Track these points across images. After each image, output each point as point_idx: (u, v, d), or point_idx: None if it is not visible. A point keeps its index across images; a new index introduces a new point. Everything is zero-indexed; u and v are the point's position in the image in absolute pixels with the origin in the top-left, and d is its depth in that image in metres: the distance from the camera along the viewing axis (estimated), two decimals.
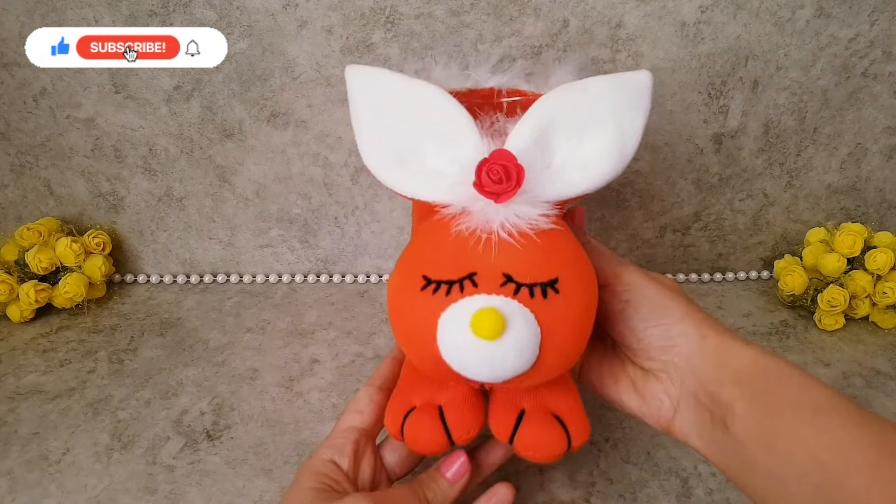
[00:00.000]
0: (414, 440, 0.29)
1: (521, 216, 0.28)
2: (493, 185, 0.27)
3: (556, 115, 0.30)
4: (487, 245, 0.27)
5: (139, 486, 0.36)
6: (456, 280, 0.27)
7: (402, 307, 0.28)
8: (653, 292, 0.30)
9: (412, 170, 0.30)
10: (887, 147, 0.55)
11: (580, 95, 0.31)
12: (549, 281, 0.27)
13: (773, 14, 0.48)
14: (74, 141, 0.52)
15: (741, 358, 0.27)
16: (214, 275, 0.59)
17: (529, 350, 0.26)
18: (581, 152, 0.30)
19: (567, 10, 0.47)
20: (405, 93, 0.31)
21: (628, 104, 0.31)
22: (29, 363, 0.47)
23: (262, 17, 0.47)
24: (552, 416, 0.29)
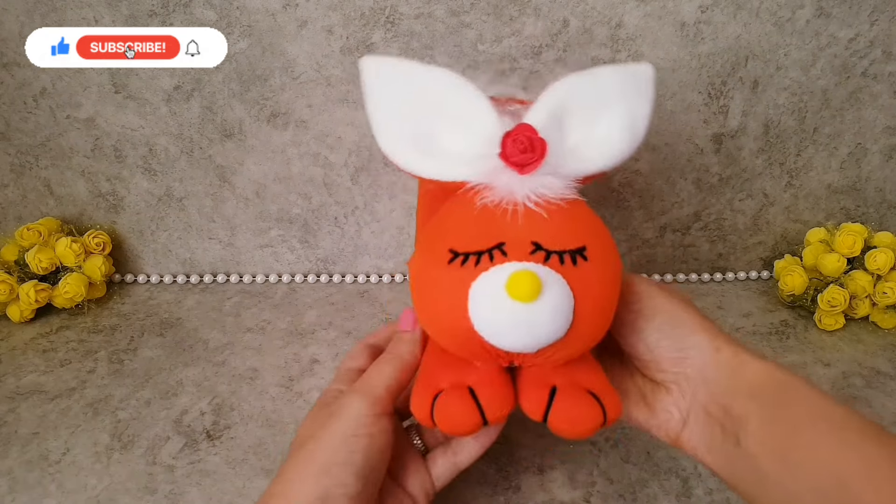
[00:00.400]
0: (447, 421, 0.27)
1: (547, 186, 0.28)
2: (519, 156, 0.27)
3: (569, 98, 0.31)
4: (514, 215, 0.27)
5: (139, 486, 0.36)
6: (485, 250, 0.26)
7: (428, 282, 0.28)
8: (665, 302, 0.30)
9: (430, 150, 0.30)
10: (887, 147, 0.55)
11: (590, 80, 0.31)
12: (577, 248, 0.27)
13: (773, 14, 0.48)
14: (74, 141, 0.52)
15: (756, 371, 0.27)
16: (214, 275, 0.59)
17: (564, 314, 0.26)
18: (596, 132, 0.31)
19: (567, 10, 0.47)
20: (420, 77, 0.31)
21: (635, 90, 0.32)
22: (29, 363, 0.47)
23: (262, 17, 0.47)
24: (586, 391, 0.28)
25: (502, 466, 0.37)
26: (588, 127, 0.31)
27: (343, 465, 0.27)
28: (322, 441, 0.28)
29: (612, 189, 0.55)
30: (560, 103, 0.31)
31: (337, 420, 0.28)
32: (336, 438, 0.28)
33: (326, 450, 0.27)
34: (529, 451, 0.39)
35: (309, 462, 0.27)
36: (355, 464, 0.27)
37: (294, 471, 0.27)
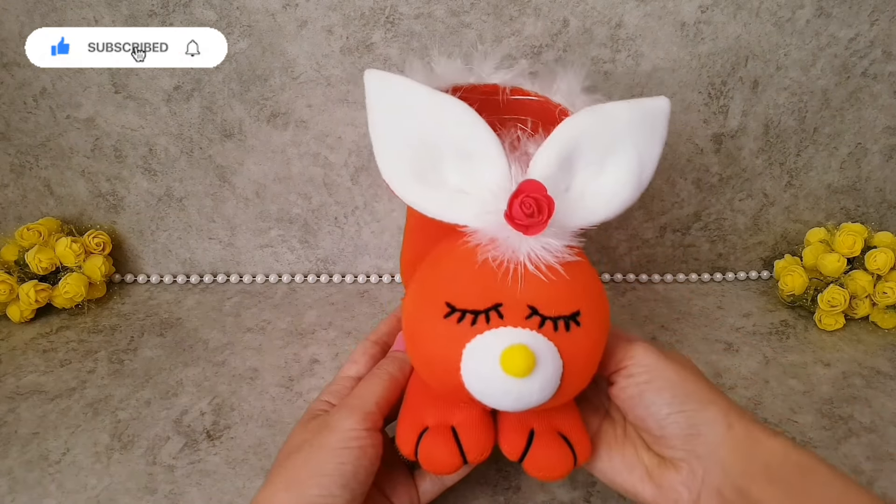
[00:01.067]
0: (430, 462, 0.29)
1: (548, 248, 0.28)
2: (526, 219, 0.27)
3: (579, 140, 0.30)
4: (514, 276, 0.27)
5: (139, 486, 0.36)
6: (482, 310, 0.27)
7: (423, 333, 0.28)
8: (674, 375, 0.28)
9: (433, 187, 0.29)
10: (887, 147, 0.55)
11: (603, 121, 0.30)
12: (571, 314, 0.27)
13: (773, 14, 0.48)
14: (74, 141, 0.52)
15: (772, 452, 0.26)
16: (214, 275, 0.59)
17: (553, 384, 0.26)
18: (601, 179, 0.30)
19: (567, 10, 0.47)
20: (428, 105, 0.29)
21: (648, 131, 0.31)
22: (29, 363, 0.47)
23: (262, 17, 0.47)
24: (559, 436, 0.30)
25: (502, 466, 0.37)
26: (595, 173, 0.30)
27: (331, 475, 0.27)
28: (311, 451, 0.28)
29: None
30: (571, 146, 0.29)
31: (327, 432, 0.29)
32: (325, 449, 0.28)
33: (315, 460, 0.28)
34: None
35: (297, 471, 0.28)
36: (343, 475, 0.27)
37: (281, 479, 0.27)
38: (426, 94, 0.29)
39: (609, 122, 0.30)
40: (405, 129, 0.30)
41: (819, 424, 0.42)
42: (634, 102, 0.30)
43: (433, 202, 0.29)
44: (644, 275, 0.60)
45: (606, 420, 0.32)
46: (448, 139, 0.29)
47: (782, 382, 0.46)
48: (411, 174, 0.29)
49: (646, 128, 0.30)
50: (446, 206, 0.29)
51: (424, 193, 0.29)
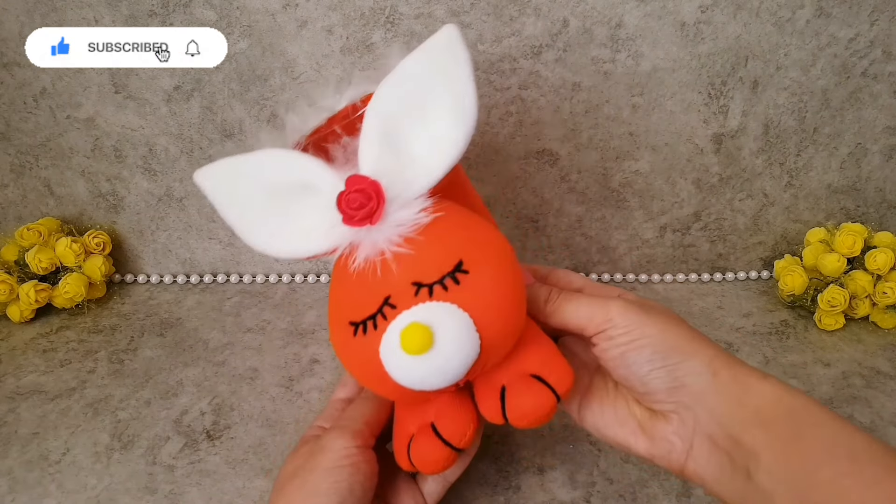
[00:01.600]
0: (423, 464, 0.29)
1: (401, 223, 0.28)
2: (358, 212, 0.27)
3: (391, 111, 0.29)
4: (385, 266, 0.28)
5: (139, 486, 0.36)
6: (375, 312, 0.27)
7: (346, 357, 0.29)
8: (653, 330, 0.28)
9: (293, 233, 0.30)
10: (887, 147, 0.55)
11: (401, 82, 0.29)
12: (453, 268, 0.27)
13: (773, 14, 0.48)
14: (74, 141, 0.52)
15: (763, 396, 0.26)
16: (214, 275, 0.59)
17: (468, 342, 0.26)
18: (428, 134, 0.29)
19: (567, 10, 0.47)
20: (249, 167, 0.31)
21: (447, 65, 0.29)
22: (29, 363, 0.47)
23: (262, 17, 0.47)
24: (531, 379, 0.29)
25: (502, 466, 0.38)
26: (420, 133, 0.30)
27: (327, 494, 0.28)
28: (305, 475, 0.29)
29: (612, 189, 0.55)
30: (384, 122, 0.29)
31: (319, 454, 0.30)
32: (318, 471, 0.29)
33: (310, 483, 0.28)
34: (529, 451, 0.39)
35: (293, 496, 0.28)
36: (339, 493, 0.28)
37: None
38: (242, 161, 0.31)
39: (406, 80, 0.29)
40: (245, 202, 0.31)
41: None
42: (422, 48, 0.30)
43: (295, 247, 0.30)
44: (644, 275, 0.60)
45: (597, 375, 0.32)
46: (283, 184, 0.30)
47: None
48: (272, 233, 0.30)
49: (443, 64, 0.29)
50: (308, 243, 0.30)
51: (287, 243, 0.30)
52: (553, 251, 0.59)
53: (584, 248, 0.59)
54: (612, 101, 0.51)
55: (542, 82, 0.50)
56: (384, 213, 0.28)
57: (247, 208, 0.31)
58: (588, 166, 0.54)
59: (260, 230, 0.31)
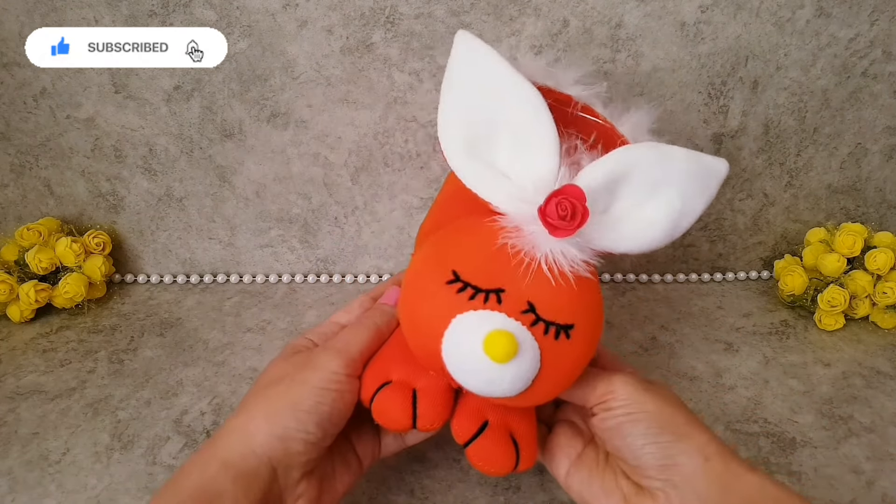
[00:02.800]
0: (380, 414, 0.29)
1: (566, 255, 0.28)
2: (557, 220, 0.28)
3: (632, 168, 0.30)
4: (525, 269, 0.28)
5: (139, 486, 0.36)
6: (483, 289, 0.27)
7: (421, 291, 0.29)
8: (652, 406, 0.29)
9: (482, 162, 0.30)
10: (887, 147, 0.55)
11: (659, 159, 0.30)
12: (566, 324, 0.28)
13: (773, 14, 0.48)
14: (74, 141, 0.52)
15: (749, 486, 0.26)
16: (214, 275, 0.59)
17: (525, 381, 0.27)
18: (640, 213, 0.31)
19: (567, 10, 0.47)
20: (505, 82, 0.30)
21: (697, 184, 0.31)
22: (29, 363, 0.47)
23: (262, 17, 0.47)
24: (509, 436, 0.30)
25: None
26: (636, 205, 0.31)
27: (308, 412, 0.28)
28: (292, 385, 0.29)
29: None
30: (622, 170, 0.30)
31: (311, 370, 0.29)
32: (306, 386, 0.29)
33: (296, 394, 0.28)
34: None
35: (276, 401, 0.28)
36: (321, 414, 0.28)
37: (258, 407, 0.28)
38: (505, 70, 0.30)
39: (664, 162, 0.30)
40: (473, 99, 0.30)
41: (819, 424, 0.42)
42: (695, 153, 0.31)
43: (477, 176, 0.30)
44: (644, 275, 0.60)
45: (590, 445, 0.32)
46: (511, 119, 0.30)
47: (782, 382, 0.46)
48: (464, 144, 0.30)
49: (697, 180, 0.31)
50: (488, 183, 0.30)
51: (471, 166, 0.30)
52: None
53: None
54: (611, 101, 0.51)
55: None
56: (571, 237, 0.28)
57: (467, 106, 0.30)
58: None
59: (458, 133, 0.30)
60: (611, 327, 0.53)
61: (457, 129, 0.30)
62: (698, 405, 0.44)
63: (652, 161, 0.30)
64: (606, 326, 0.53)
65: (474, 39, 0.30)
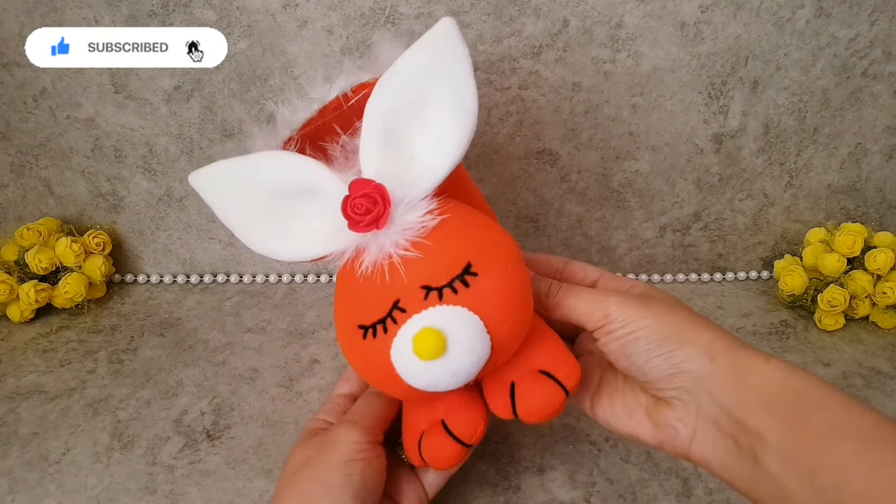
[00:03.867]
0: (434, 461, 0.30)
1: (407, 227, 0.28)
2: (364, 217, 0.27)
3: (391, 109, 0.29)
4: (394, 270, 0.27)
5: (139, 486, 0.36)
6: (385, 316, 0.27)
7: (355, 360, 0.29)
8: (651, 321, 0.28)
9: (295, 236, 0.30)
10: (887, 147, 0.55)
11: (398, 79, 0.29)
12: (462, 270, 0.27)
13: (773, 14, 0.48)
14: (74, 141, 0.52)
15: (765, 378, 0.26)
16: (214, 275, 0.59)
17: (479, 344, 0.26)
18: (430, 133, 0.29)
19: (567, 10, 0.47)
20: (246, 172, 0.30)
21: (446, 61, 0.29)
22: (29, 363, 0.47)
23: (262, 17, 0.47)
24: (540, 374, 0.29)
25: (502, 466, 0.37)
26: (422, 131, 0.29)
27: (341, 487, 0.28)
28: (318, 466, 0.29)
29: (612, 189, 0.55)
30: (383, 121, 0.29)
31: (332, 447, 0.30)
32: (332, 463, 0.29)
33: (324, 474, 0.28)
34: (529, 451, 0.39)
35: (307, 486, 0.28)
36: (353, 485, 0.28)
37: (291, 496, 0.28)
38: (241, 163, 0.30)
39: (405, 77, 0.29)
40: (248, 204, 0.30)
41: None
42: (418, 43, 0.29)
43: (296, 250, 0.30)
44: (644, 275, 0.60)
45: (609, 370, 0.32)
46: (283, 188, 0.30)
47: None
48: (271, 235, 0.30)
49: (442, 57, 0.29)
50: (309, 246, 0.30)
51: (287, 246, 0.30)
52: (553, 251, 0.59)
53: (584, 248, 0.59)
54: (612, 101, 0.51)
55: (542, 82, 0.50)
56: (390, 217, 0.27)
57: (246, 211, 0.31)
58: (588, 166, 0.54)
59: (260, 233, 0.31)
60: None
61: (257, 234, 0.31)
62: None
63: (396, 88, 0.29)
64: None
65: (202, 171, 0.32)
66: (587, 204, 0.56)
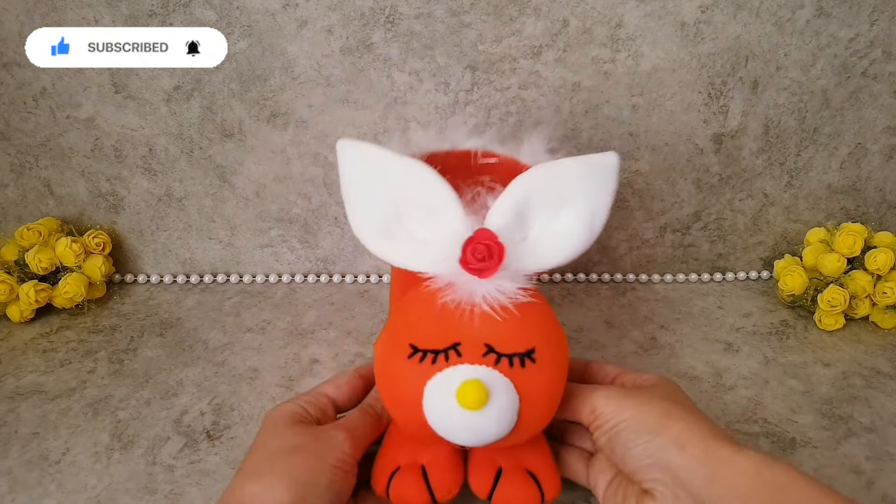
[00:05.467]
0: (399, 500, 0.31)
1: (502, 290, 0.30)
2: (477, 263, 0.30)
3: (532, 192, 0.32)
4: (471, 317, 0.30)
5: (139, 486, 0.36)
6: (441, 349, 0.29)
7: (390, 373, 0.31)
8: (630, 413, 0.30)
9: (399, 241, 0.32)
10: (887, 147, 0.55)
11: (554, 175, 0.32)
12: (526, 351, 0.29)
13: (773, 14, 0.48)
14: (74, 141, 0.52)
15: (740, 471, 0.26)
16: (214, 275, 0.59)
17: (509, 417, 0.28)
18: (555, 227, 0.33)
19: (567, 10, 0.47)
20: (393, 168, 0.32)
21: (596, 184, 0.33)
22: (29, 363, 0.47)
23: (262, 17, 0.47)
24: (527, 473, 0.31)
25: None
26: (548, 222, 0.33)
27: (325, 490, 0.28)
28: (312, 460, 0.29)
29: None
30: (524, 198, 0.32)
31: (328, 447, 0.30)
32: (324, 464, 0.29)
33: (317, 470, 0.28)
34: None
35: (298, 473, 0.28)
36: (333, 493, 0.28)
37: (278, 475, 0.28)
38: (393, 159, 0.32)
39: (560, 177, 0.32)
40: (374, 191, 0.33)
41: (819, 424, 0.42)
42: (584, 158, 0.33)
43: (397, 253, 0.32)
44: (644, 275, 0.60)
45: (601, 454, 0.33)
46: (413, 197, 0.32)
47: (782, 382, 0.46)
48: (379, 230, 0.32)
49: (595, 181, 0.33)
50: (409, 256, 0.32)
51: (390, 247, 0.32)
52: None
53: None
54: (612, 101, 0.51)
55: (542, 82, 0.50)
56: (496, 273, 0.30)
57: (369, 200, 0.32)
58: None
59: (370, 225, 0.32)
60: (611, 327, 0.53)
61: (369, 223, 0.33)
62: (698, 405, 0.43)
63: (547, 180, 0.32)
64: (607, 327, 0.53)
65: (354, 143, 0.33)
66: None
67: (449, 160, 0.36)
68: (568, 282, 0.60)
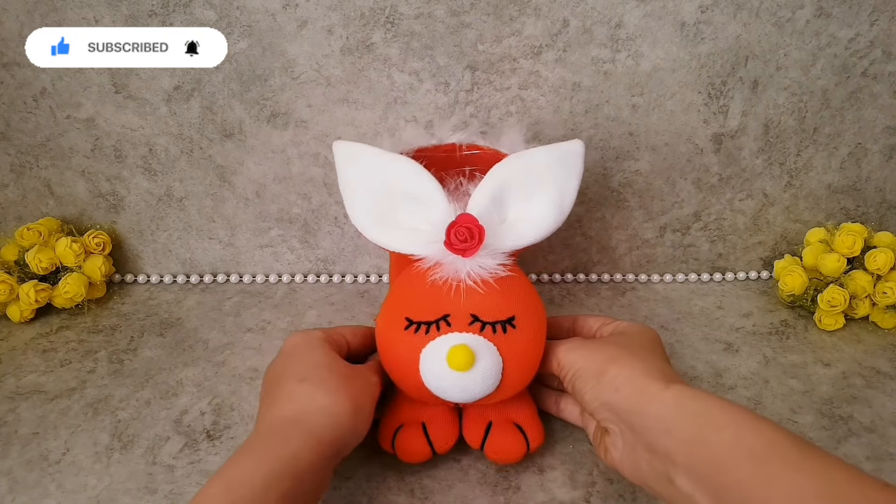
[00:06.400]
0: (403, 452, 0.35)
1: (484, 267, 0.35)
2: (461, 244, 0.34)
3: (508, 179, 0.37)
4: (457, 291, 0.34)
5: (139, 486, 0.36)
6: (433, 321, 0.34)
7: (389, 344, 0.35)
8: (581, 363, 0.33)
9: (392, 227, 0.37)
10: (887, 147, 0.55)
11: (526, 163, 0.37)
12: (507, 319, 0.34)
13: (773, 14, 0.48)
14: (74, 141, 0.52)
15: (665, 404, 0.28)
16: (214, 275, 0.59)
17: (494, 376, 0.33)
18: (529, 209, 0.37)
19: (567, 10, 0.47)
20: (384, 165, 0.37)
21: (565, 169, 0.37)
22: (29, 363, 0.47)
23: (262, 17, 0.47)
24: (514, 426, 0.36)
25: (502, 466, 0.37)
26: (523, 205, 0.37)
27: (367, 416, 0.33)
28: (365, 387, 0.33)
29: (612, 189, 0.55)
30: (500, 185, 0.36)
31: (370, 383, 0.34)
32: (371, 395, 0.34)
33: (367, 396, 0.33)
34: None
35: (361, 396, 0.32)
36: (369, 424, 0.33)
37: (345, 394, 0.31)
38: (383, 157, 0.37)
39: (532, 164, 0.37)
40: (368, 186, 0.37)
41: (819, 424, 0.42)
42: (552, 147, 0.37)
43: (391, 239, 0.37)
44: (644, 275, 0.60)
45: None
46: (402, 189, 0.37)
47: (782, 382, 0.46)
48: (374, 220, 0.37)
49: (564, 166, 0.37)
50: (402, 241, 0.37)
51: (384, 233, 0.37)
52: (553, 251, 0.59)
53: (584, 248, 0.59)
54: (612, 101, 0.51)
55: (542, 82, 0.50)
56: (478, 252, 0.34)
57: (365, 192, 0.37)
58: (588, 166, 0.54)
59: (366, 214, 0.37)
60: None
61: (365, 214, 0.37)
62: None
63: (519, 167, 0.37)
64: None
65: (349, 144, 0.38)
66: (587, 204, 0.56)
67: (437, 153, 0.41)
68: (568, 282, 0.60)
